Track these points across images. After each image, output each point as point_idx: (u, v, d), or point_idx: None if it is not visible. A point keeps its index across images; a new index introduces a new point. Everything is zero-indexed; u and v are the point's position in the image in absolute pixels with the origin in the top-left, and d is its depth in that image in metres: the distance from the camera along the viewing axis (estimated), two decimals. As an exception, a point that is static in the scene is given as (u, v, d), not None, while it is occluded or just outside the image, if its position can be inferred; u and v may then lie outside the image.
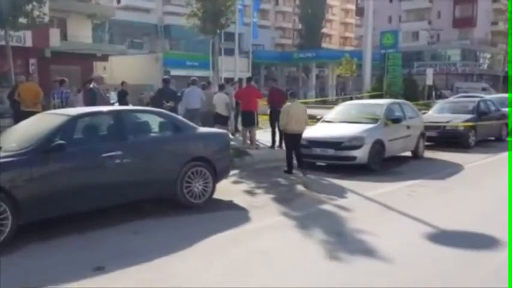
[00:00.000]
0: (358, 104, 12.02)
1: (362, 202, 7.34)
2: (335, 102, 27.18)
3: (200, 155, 6.96)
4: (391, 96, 30.31)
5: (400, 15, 63.58)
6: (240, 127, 14.34)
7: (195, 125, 7.39)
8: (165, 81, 12.23)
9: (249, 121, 12.13)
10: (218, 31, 18.12)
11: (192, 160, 6.80)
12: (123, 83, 14.30)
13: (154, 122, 6.96)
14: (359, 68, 31.14)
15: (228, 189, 7.86)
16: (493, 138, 15.00)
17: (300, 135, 9.60)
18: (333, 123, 10.69)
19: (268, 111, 12.41)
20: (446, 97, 44.21)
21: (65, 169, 5.71)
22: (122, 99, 13.72)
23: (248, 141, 12.25)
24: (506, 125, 15.49)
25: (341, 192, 7.95)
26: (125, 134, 6.31)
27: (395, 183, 8.63)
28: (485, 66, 58.47)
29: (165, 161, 6.60)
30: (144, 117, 7.02)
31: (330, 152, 9.66)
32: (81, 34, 28.75)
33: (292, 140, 9.62)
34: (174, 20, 43.26)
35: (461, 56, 56.17)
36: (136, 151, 6.27)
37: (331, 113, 11.40)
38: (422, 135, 11.64)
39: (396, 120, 10.56)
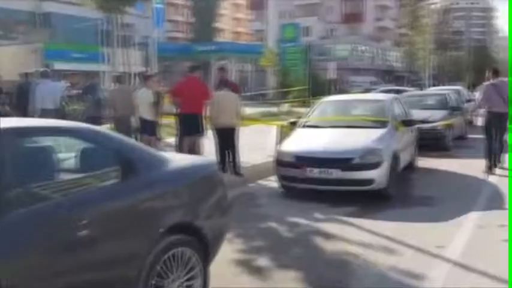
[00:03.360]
0: (348, 100, 8.82)
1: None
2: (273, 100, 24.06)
3: (179, 220, 3.21)
4: (297, 93, 28.27)
5: (292, 10, 62.47)
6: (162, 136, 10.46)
7: (159, 154, 3.53)
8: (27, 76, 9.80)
9: (193, 128, 8.30)
10: (122, 7, 13.79)
11: (164, 235, 3.04)
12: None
13: (74, 152, 3.03)
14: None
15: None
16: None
17: (232, 130, 7.93)
18: (324, 129, 7.37)
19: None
20: (346, 91, 43.88)
21: None
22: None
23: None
24: (467, 121, 13.55)
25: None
26: None
27: (453, 220, 5.57)
28: (370, 60, 59.66)
29: (105, 249, 2.75)
30: (52, 143, 3.02)
31: (335, 173, 6.32)
32: None
33: (224, 136, 7.96)
34: (55, 7, 36.83)
35: (350, 51, 56.61)
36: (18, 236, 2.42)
37: (313, 114, 8.03)
38: (416, 139, 8.86)
39: (408, 123, 7.59)
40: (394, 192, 6.62)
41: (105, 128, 9.61)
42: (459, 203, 6.30)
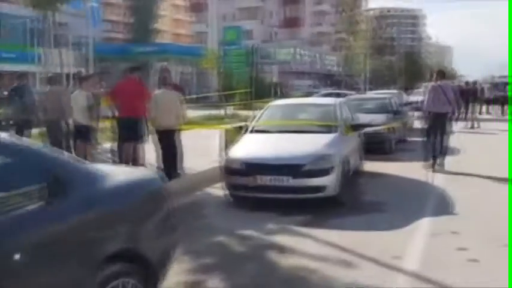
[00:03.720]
0: (297, 104, 8.58)
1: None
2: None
3: (119, 247, 2.74)
4: (240, 96, 28.02)
5: (234, 13, 62.35)
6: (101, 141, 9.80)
7: (94, 169, 3.02)
8: None
9: (132, 133, 7.73)
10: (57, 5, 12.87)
11: (102, 266, 2.57)
12: None
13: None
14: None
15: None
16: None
17: (173, 132, 7.56)
18: (273, 134, 7.07)
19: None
20: (288, 94, 44.15)
21: None
22: None
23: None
24: (406, 124, 13.82)
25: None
26: None
27: (406, 227, 5.43)
28: (310, 65, 60.64)
29: None
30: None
31: (286, 181, 6.02)
32: None
33: (165, 139, 7.58)
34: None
35: (292, 55, 57.28)
36: None
37: (261, 119, 7.70)
38: (362, 143, 8.77)
39: (356, 127, 7.46)
40: (345, 199, 6.43)
41: (31, 135, 8.89)
42: (409, 208, 6.21)
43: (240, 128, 7.70)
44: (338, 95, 25.81)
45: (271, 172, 6.03)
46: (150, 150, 8.20)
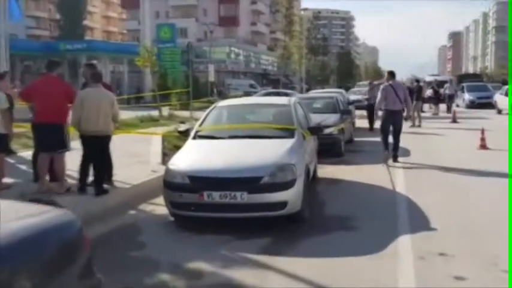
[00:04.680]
0: (247, 104, 7.39)
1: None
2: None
3: None
4: (176, 96, 26.58)
5: (168, 11, 60.21)
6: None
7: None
8: None
9: (52, 142, 6.29)
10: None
11: None
12: None
13: None
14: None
15: None
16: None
17: (104, 138, 6.25)
18: (222, 141, 5.95)
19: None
20: (225, 93, 43.08)
21: None
22: None
23: (48, 181, 6.52)
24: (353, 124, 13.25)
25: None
26: None
27: (386, 250, 4.55)
28: (245, 64, 59.88)
29: None
30: None
31: (240, 197, 4.94)
32: None
33: (92, 146, 6.16)
34: None
35: (227, 54, 56.23)
36: None
37: (206, 122, 6.51)
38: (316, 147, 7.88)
39: (315, 130, 6.52)
40: (307, 215, 5.47)
41: None
42: (381, 223, 5.37)
43: (183, 132, 6.49)
44: (278, 94, 25.23)
45: (221, 187, 4.94)
46: (74, 161, 6.80)
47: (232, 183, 4.96)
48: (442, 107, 22.56)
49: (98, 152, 6.22)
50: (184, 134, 6.43)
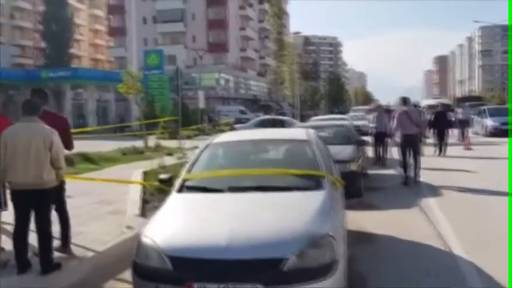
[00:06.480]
0: (250, 141, 5.14)
1: None
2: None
3: None
4: (164, 124, 24.78)
5: (156, 38, 58.88)
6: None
7: None
8: None
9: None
10: None
11: None
12: None
13: None
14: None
15: None
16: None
17: (40, 194, 4.24)
18: (219, 196, 4.07)
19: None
20: (216, 120, 41.37)
21: None
22: None
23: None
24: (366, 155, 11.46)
25: None
26: None
27: None
28: (235, 90, 58.43)
29: None
30: None
31: (253, 292, 3.09)
32: None
33: (23, 206, 4.27)
34: None
35: (217, 80, 54.83)
36: None
37: (197, 166, 4.57)
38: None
39: (353, 177, 4.78)
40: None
41: None
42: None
43: (166, 181, 4.61)
44: (274, 122, 23.54)
45: (221, 276, 3.10)
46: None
47: (238, 270, 3.13)
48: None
49: (39, 213, 4.32)
50: (167, 184, 4.57)
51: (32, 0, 62.82)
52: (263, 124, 23.15)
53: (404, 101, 10.12)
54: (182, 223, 3.65)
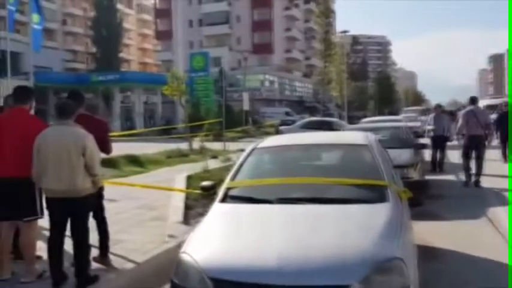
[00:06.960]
0: (300, 145, 4.55)
1: None
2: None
3: None
4: (209, 126, 24.64)
5: (201, 40, 59.46)
6: None
7: None
8: None
9: (14, 205, 4.17)
10: None
11: None
12: None
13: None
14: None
15: None
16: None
17: (74, 202, 3.94)
18: (266, 207, 3.59)
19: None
20: (260, 122, 41.03)
21: None
22: None
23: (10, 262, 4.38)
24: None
25: None
26: None
27: None
28: (280, 91, 57.92)
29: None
30: None
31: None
32: None
33: (58, 214, 3.99)
34: None
35: (261, 81, 54.59)
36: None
37: (241, 173, 4.06)
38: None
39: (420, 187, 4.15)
40: None
41: None
42: None
43: (204, 189, 4.21)
44: (321, 124, 22.72)
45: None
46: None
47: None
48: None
49: (74, 222, 4.04)
50: (210, 192, 4.17)
51: (83, 6, 65.13)
52: (309, 126, 22.53)
53: (473, 100, 9.73)
54: (226, 239, 3.22)
